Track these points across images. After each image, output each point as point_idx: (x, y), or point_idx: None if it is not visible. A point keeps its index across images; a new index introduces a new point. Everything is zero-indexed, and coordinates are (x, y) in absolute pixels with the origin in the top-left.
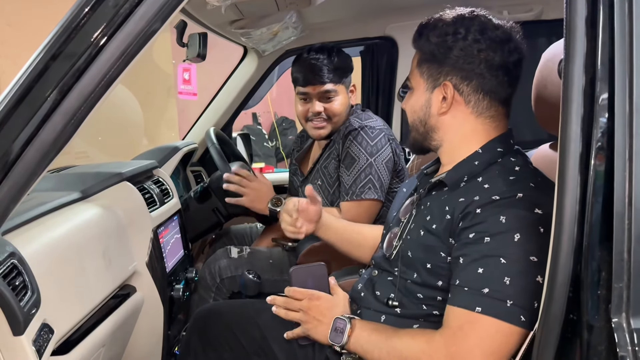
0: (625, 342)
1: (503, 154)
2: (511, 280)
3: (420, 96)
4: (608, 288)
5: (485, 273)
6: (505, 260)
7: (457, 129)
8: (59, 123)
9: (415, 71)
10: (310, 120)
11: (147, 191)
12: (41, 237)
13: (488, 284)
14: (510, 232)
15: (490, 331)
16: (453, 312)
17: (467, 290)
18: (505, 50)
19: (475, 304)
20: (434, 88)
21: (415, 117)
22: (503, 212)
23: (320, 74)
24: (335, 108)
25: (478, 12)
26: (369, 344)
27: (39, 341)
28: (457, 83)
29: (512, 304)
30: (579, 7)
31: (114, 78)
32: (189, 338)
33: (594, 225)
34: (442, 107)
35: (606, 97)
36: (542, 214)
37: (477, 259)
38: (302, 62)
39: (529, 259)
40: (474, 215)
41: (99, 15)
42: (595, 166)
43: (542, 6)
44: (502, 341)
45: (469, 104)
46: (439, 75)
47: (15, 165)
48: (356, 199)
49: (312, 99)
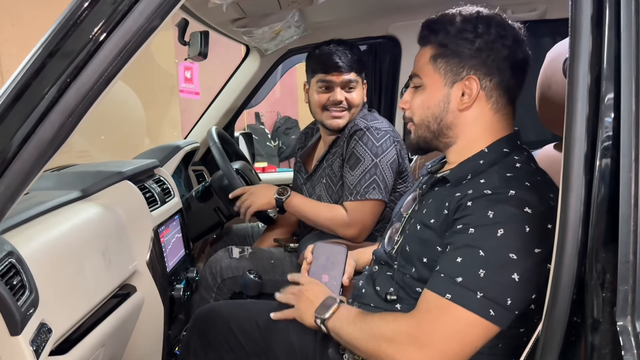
0: (631, 345)
1: (508, 153)
2: (486, 273)
3: (435, 92)
4: (613, 290)
5: (463, 262)
6: (483, 252)
7: (474, 125)
8: (57, 121)
9: (428, 67)
10: (327, 110)
11: (148, 190)
12: (40, 236)
13: (462, 274)
14: (495, 226)
15: (456, 319)
16: (426, 295)
17: (442, 276)
18: (524, 49)
19: (446, 290)
20: (453, 83)
21: (429, 113)
22: (492, 207)
23: (345, 61)
24: (355, 98)
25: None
26: (347, 322)
27: (36, 341)
28: (480, 77)
29: (483, 297)
30: (584, 5)
31: (113, 76)
32: (190, 338)
33: (599, 227)
34: (462, 102)
35: (612, 97)
36: (532, 213)
37: (458, 248)
38: (324, 52)
39: (508, 256)
40: (465, 207)
41: (98, 11)
42: (600, 167)
43: (546, 5)
44: (467, 332)
45: (490, 100)
46: (460, 69)
47: (12, 163)
48: (360, 199)
49: (334, 88)
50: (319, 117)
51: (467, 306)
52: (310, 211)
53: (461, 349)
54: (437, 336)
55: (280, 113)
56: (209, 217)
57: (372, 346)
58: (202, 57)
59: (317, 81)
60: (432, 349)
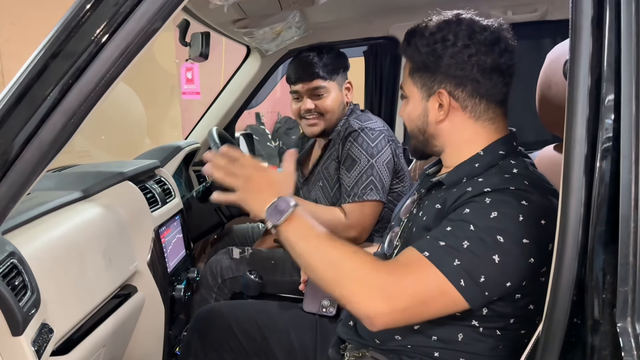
0: (631, 346)
1: (504, 156)
2: (469, 246)
3: (416, 105)
4: (613, 292)
5: (451, 231)
6: (473, 228)
7: (457, 134)
8: (59, 122)
9: (408, 80)
10: (303, 118)
11: (149, 191)
12: (41, 236)
13: (447, 240)
14: (490, 208)
15: (429, 279)
16: (407, 250)
17: (428, 238)
18: (496, 52)
19: (426, 248)
20: (429, 97)
21: (414, 125)
22: (490, 196)
23: (308, 71)
24: (326, 104)
25: (464, 15)
26: (302, 236)
27: (38, 341)
28: (451, 90)
29: (459, 265)
30: (585, 7)
31: (115, 77)
32: (190, 338)
33: (599, 228)
34: (439, 115)
35: (612, 98)
36: (528, 206)
37: (451, 220)
38: (292, 62)
39: (495, 237)
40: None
41: (100, 13)
42: (600, 168)
43: (547, 6)
44: (435, 295)
45: (466, 109)
46: (432, 83)
47: (15, 164)
48: (358, 201)
49: (302, 96)
50: (300, 124)
51: (441, 268)
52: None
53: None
54: (408, 291)
55: (281, 113)
56: (210, 217)
57: (331, 276)
58: (203, 57)
59: (289, 92)
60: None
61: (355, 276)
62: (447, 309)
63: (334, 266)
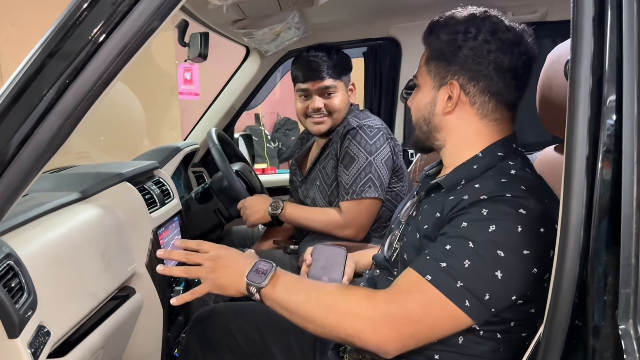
0: (633, 349)
1: (503, 157)
2: (471, 264)
3: (426, 94)
4: (615, 294)
5: (451, 250)
6: (473, 245)
7: (461, 130)
8: (55, 123)
9: (423, 68)
10: (309, 117)
11: (148, 192)
12: (39, 238)
13: (448, 260)
14: (488, 221)
15: (433, 303)
16: (407, 273)
17: (428, 259)
18: (515, 53)
19: (428, 271)
20: (440, 86)
21: (420, 115)
22: (487, 206)
23: (320, 69)
24: (335, 104)
25: (491, 13)
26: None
27: (35, 344)
28: (463, 83)
29: (462, 286)
30: (586, 7)
31: (112, 77)
32: (189, 340)
33: (601, 230)
34: (447, 106)
35: (614, 99)
36: (526, 214)
37: (450, 237)
38: (301, 60)
39: (496, 252)
40: (460, 209)
41: (97, 12)
42: (602, 169)
43: (547, 7)
44: (440, 318)
45: (474, 105)
46: (446, 73)
47: (10, 165)
48: (357, 198)
49: (312, 95)
50: (304, 124)
51: (445, 292)
52: (305, 218)
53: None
54: (412, 318)
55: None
56: (209, 218)
57: (331, 320)
58: (202, 58)
59: (296, 90)
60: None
61: (356, 312)
62: (455, 329)
63: (332, 309)
